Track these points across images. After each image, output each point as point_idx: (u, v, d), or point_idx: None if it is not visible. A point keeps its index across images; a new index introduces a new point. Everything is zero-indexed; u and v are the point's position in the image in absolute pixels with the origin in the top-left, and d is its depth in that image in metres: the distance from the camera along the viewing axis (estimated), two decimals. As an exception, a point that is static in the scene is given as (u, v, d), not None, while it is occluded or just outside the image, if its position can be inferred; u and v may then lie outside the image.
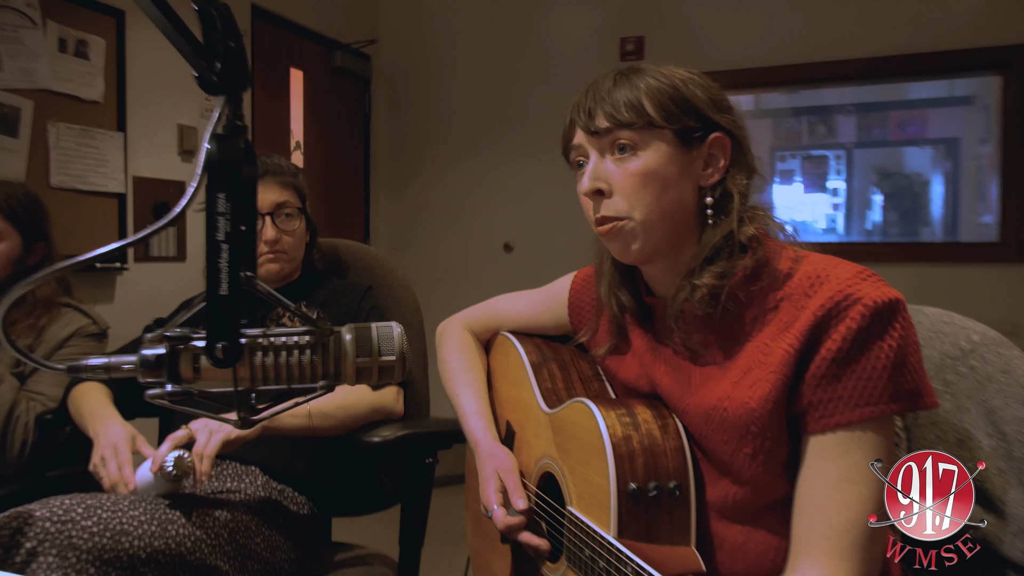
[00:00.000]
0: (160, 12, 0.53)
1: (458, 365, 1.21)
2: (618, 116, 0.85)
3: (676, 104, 0.85)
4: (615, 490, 0.84)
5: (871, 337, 0.75)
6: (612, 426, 0.88)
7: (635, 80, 0.86)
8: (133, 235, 0.63)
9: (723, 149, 0.87)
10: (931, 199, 4.24)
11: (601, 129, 0.87)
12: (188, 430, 1.18)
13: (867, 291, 0.76)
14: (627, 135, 0.85)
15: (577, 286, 1.13)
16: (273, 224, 1.44)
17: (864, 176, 4.38)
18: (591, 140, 0.89)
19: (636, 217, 0.86)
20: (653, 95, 0.85)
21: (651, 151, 0.85)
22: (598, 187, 0.88)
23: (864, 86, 3.88)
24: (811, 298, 0.79)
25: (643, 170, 0.85)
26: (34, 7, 2.55)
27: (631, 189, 0.86)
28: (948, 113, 4.11)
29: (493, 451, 1.07)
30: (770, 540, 0.84)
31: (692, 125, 0.86)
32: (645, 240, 0.87)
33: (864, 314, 0.75)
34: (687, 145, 0.86)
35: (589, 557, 0.87)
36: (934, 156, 4.23)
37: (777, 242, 0.87)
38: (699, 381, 0.88)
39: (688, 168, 0.87)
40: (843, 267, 0.80)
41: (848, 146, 4.39)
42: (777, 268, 0.84)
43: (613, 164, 0.87)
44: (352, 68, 4.18)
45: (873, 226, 4.38)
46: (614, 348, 1.03)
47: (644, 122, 0.84)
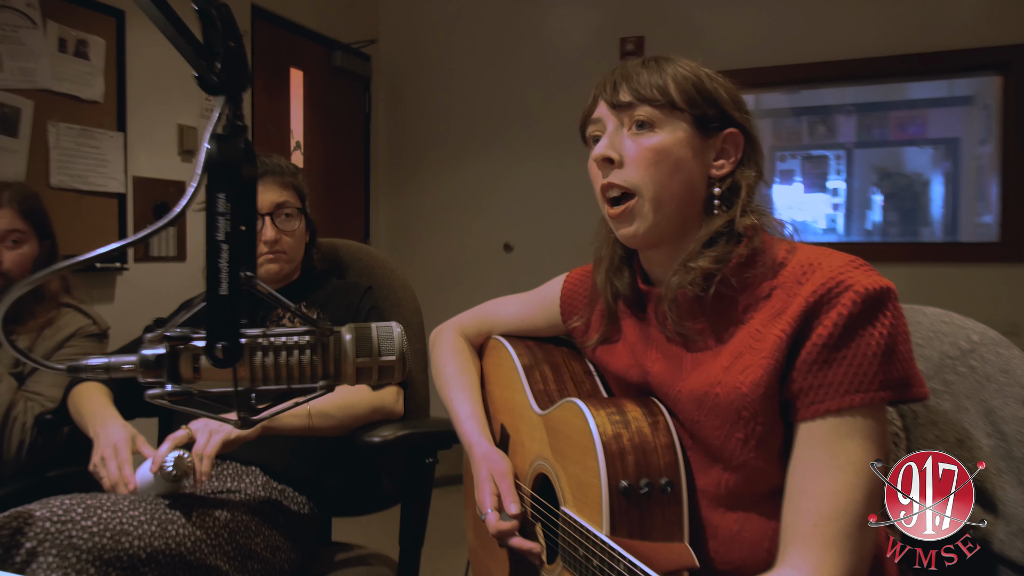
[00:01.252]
0: (160, 12, 0.53)
1: (452, 370, 1.22)
2: (643, 92, 0.88)
3: (699, 92, 0.88)
4: (606, 488, 0.85)
5: (861, 324, 0.76)
6: (602, 424, 0.88)
7: (664, 66, 0.89)
8: (133, 235, 0.63)
9: (736, 145, 0.90)
10: (931, 199, 4.25)
11: (623, 102, 0.89)
12: (188, 430, 1.18)
13: (858, 278, 0.77)
14: (647, 112, 0.87)
15: (570, 284, 1.14)
16: (273, 224, 1.44)
17: (864, 176, 4.38)
18: (612, 112, 0.91)
19: (646, 194, 0.88)
20: (679, 81, 0.88)
21: (668, 130, 0.87)
22: (610, 155, 0.89)
23: (864, 86, 3.88)
24: (803, 285, 0.80)
25: (658, 146, 0.87)
26: (34, 7, 2.55)
27: (643, 163, 0.87)
28: (948, 113, 4.11)
29: (488, 454, 1.08)
30: (765, 529, 0.84)
31: (711, 114, 0.88)
32: (653, 221, 0.88)
33: (855, 300, 0.75)
34: (703, 132, 0.89)
35: (583, 556, 0.87)
36: (934, 156, 4.23)
37: (772, 236, 0.89)
38: (690, 367, 0.89)
39: (701, 155, 0.89)
40: (835, 256, 0.81)
41: (848, 146, 4.39)
42: (771, 257, 0.85)
43: (629, 137, 0.89)
44: (352, 68, 4.18)
45: (873, 226, 4.38)
46: (605, 337, 1.04)
47: (666, 101, 0.87)
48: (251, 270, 0.56)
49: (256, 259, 0.61)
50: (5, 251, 1.60)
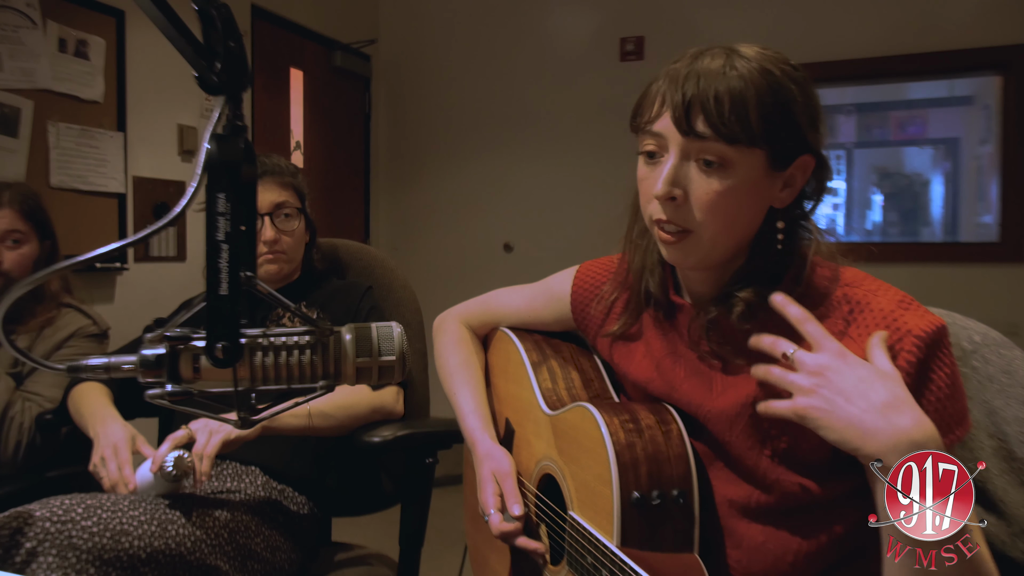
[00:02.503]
0: (160, 12, 0.53)
1: (456, 362, 1.20)
2: (723, 128, 0.76)
3: (783, 118, 0.78)
4: (618, 499, 0.83)
5: (928, 368, 0.74)
6: (615, 433, 0.87)
7: (746, 76, 0.76)
8: (133, 235, 0.63)
9: (804, 171, 0.82)
10: (931, 199, 4.25)
11: (698, 133, 0.77)
12: (188, 430, 1.18)
13: (914, 322, 0.75)
14: (722, 151, 0.77)
15: (582, 277, 1.09)
16: (272, 224, 1.44)
17: (864, 176, 4.38)
18: (680, 139, 0.79)
19: (705, 234, 0.80)
20: (765, 103, 0.76)
21: (743, 170, 0.78)
22: (674, 194, 0.80)
23: (864, 86, 3.88)
24: (851, 325, 0.78)
25: (728, 190, 0.78)
26: (34, 7, 2.54)
27: (709, 205, 0.79)
28: (948, 113, 4.11)
29: (491, 452, 1.07)
30: (790, 542, 0.83)
31: (789, 145, 0.79)
32: (707, 255, 0.83)
33: (919, 346, 0.74)
34: (775, 168, 0.80)
35: (591, 564, 0.86)
36: (934, 156, 4.23)
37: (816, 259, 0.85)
38: (721, 387, 0.87)
39: (768, 191, 0.81)
40: (882, 294, 0.79)
41: (848, 146, 4.39)
42: (814, 285, 0.83)
43: (696, 172, 0.79)
44: (352, 68, 4.18)
45: (873, 226, 4.38)
46: (624, 334, 0.99)
47: (747, 137, 0.76)
48: (251, 270, 0.56)
49: (256, 259, 0.61)
50: (5, 251, 1.60)
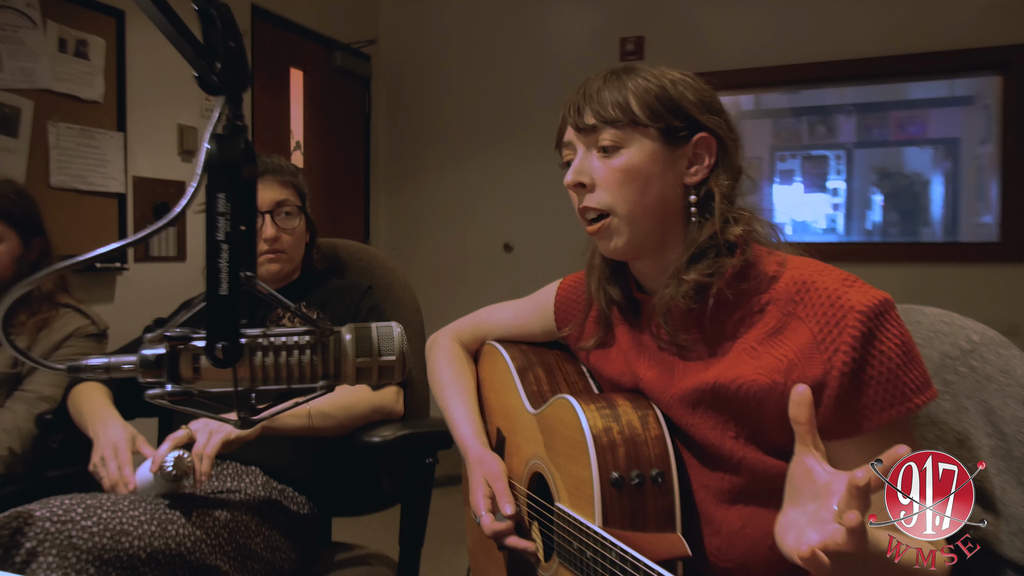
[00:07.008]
0: (160, 12, 0.53)
1: (448, 376, 1.23)
2: (604, 113, 0.88)
3: (662, 103, 0.88)
4: (597, 480, 0.86)
5: (873, 341, 0.76)
6: (592, 419, 0.90)
7: (625, 80, 0.89)
8: (133, 235, 0.63)
9: (709, 149, 0.90)
10: (931, 199, 4.24)
11: (587, 126, 0.89)
12: (188, 430, 1.18)
13: (856, 297, 0.77)
14: (611, 134, 0.88)
15: (564, 290, 1.15)
16: (273, 222, 1.44)
17: (864, 176, 4.37)
18: (579, 136, 0.92)
19: (620, 212, 0.89)
20: (640, 94, 0.88)
21: (634, 148, 0.88)
22: (580, 180, 0.91)
23: (864, 86, 3.88)
24: (798, 304, 0.81)
25: (625, 166, 0.88)
26: (34, 7, 2.55)
27: (613, 184, 0.88)
28: (948, 113, 4.11)
29: (482, 457, 1.09)
30: (768, 526, 0.84)
31: (677, 124, 0.88)
32: (630, 236, 0.90)
33: (861, 319, 0.76)
34: (671, 143, 0.88)
35: (577, 549, 0.88)
36: (934, 156, 4.22)
37: (760, 246, 0.89)
38: (682, 373, 0.91)
39: (672, 166, 0.89)
40: (827, 274, 0.82)
41: (848, 146, 4.38)
42: (763, 271, 0.86)
43: (598, 160, 0.90)
44: (352, 68, 4.18)
45: (873, 226, 4.38)
46: (600, 343, 1.05)
47: (628, 120, 0.87)
48: (251, 270, 0.56)
49: (256, 259, 0.61)
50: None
